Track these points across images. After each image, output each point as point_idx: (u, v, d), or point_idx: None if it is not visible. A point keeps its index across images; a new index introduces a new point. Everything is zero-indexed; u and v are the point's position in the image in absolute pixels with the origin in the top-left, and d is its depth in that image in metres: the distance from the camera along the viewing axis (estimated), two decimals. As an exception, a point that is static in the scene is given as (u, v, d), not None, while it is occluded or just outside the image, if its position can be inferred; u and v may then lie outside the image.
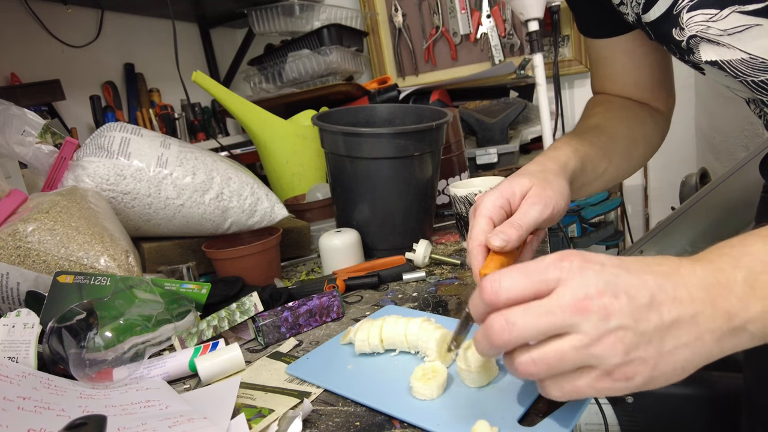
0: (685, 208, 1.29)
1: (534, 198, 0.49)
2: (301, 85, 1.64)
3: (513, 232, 0.46)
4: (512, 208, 0.50)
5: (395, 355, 0.54)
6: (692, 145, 1.90)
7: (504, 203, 0.49)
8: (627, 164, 0.65)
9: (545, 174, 0.52)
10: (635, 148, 0.65)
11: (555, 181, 0.51)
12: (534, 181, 0.50)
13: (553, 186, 0.50)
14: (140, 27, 1.67)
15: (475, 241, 0.48)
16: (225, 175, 0.84)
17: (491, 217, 0.48)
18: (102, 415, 0.38)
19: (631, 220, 1.96)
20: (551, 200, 0.49)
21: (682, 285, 0.34)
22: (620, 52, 0.65)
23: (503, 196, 0.49)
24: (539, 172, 0.52)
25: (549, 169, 0.53)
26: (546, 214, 0.48)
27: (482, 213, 0.49)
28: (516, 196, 0.49)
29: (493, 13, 1.85)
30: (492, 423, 0.40)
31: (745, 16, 0.43)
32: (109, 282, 0.63)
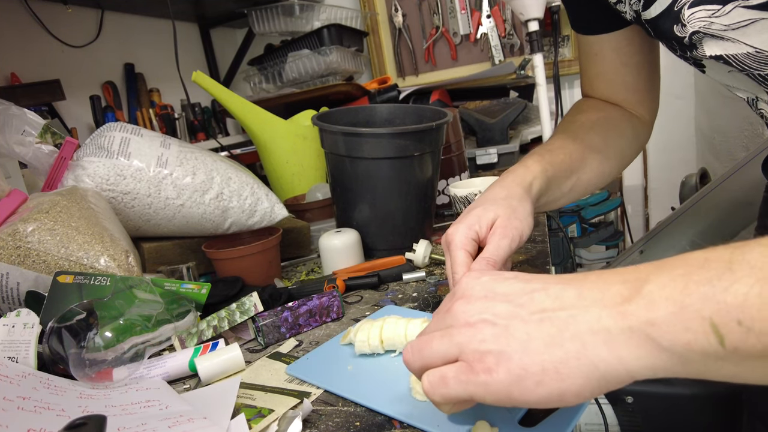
0: (685, 208, 1.29)
1: (502, 230, 0.51)
2: (301, 85, 1.64)
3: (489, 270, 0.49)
4: (481, 239, 0.52)
5: (395, 355, 0.54)
6: (692, 145, 1.90)
7: (474, 235, 0.52)
8: (597, 179, 0.67)
9: (509, 201, 0.54)
10: (607, 162, 0.67)
11: (520, 208, 0.54)
12: (499, 212, 0.53)
13: (518, 214, 0.53)
14: (140, 27, 1.67)
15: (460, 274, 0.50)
16: (225, 175, 0.84)
17: (466, 250, 0.51)
18: (102, 415, 0.38)
19: (631, 220, 1.96)
20: (518, 231, 0.52)
21: (574, 287, 0.32)
22: (609, 49, 0.66)
23: (472, 229, 0.52)
24: (504, 201, 0.54)
25: (514, 195, 0.55)
26: (515, 246, 0.52)
27: (457, 246, 0.51)
28: (483, 229, 0.52)
29: (493, 13, 1.85)
30: (492, 423, 0.40)
31: (749, 11, 0.43)
32: (109, 282, 0.63)
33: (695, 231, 1.25)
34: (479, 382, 0.32)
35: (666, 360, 0.28)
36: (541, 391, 0.31)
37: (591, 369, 0.30)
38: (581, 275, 0.34)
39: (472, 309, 0.35)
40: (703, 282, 0.27)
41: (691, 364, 0.28)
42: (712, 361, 0.27)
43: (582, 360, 0.30)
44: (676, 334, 0.27)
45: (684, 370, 0.28)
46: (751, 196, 1.16)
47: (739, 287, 0.26)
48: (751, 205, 1.16)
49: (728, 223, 1.21)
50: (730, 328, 0.26)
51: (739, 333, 0.25)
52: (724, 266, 0.27)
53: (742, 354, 0.26)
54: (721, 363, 0.27)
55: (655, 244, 1.29)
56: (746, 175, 1.17)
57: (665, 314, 0.28)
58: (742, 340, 0.25)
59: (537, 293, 0.33)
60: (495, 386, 0.31)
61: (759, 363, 0.26)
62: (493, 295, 0.35)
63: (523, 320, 0.32)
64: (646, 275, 0.30)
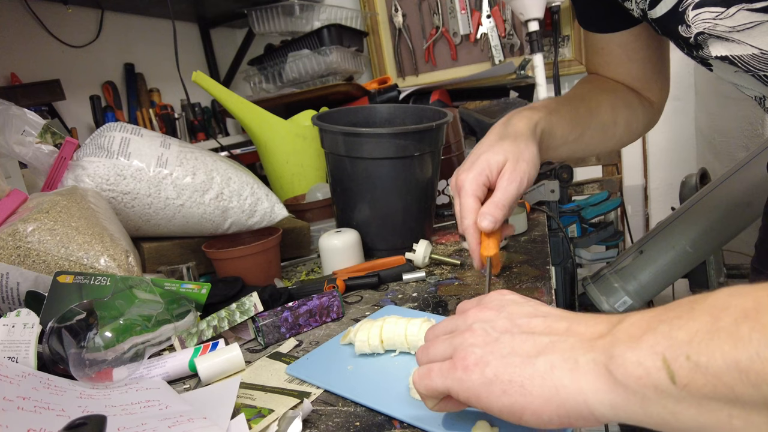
0: (685, 208, 1.29)
1: (510, 174, 0.54)
2: (301, 85, 1.64)
3: (499, 213, 0.52)
4: (491, 183, 0.55)
5: (395, 355, 0.54)
6: (692, 145, 1.90)
7: (485, 180, 0.54)
8: (601, 139, 0.67)
9: (517, 143, 0.55)
10: (613, 127, 0.67)
11: (526, 151, 0.55)
12: (507, 155, 0.54)
13: (525, 157, 0.55)
14: (140, 27, 1.66)
15: (469, 220, 0.53)
16: (225, 175, 0.84)
17: (476, 195, 0.54)
18: (102, 415, 0.38)
19: (631, 220, 1.96)
20: (525, 174, 0.54)
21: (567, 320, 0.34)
22: (615, 45, 0.66)
23: (482, 174, 0.54)
24: (512, 142, 0.55)
25: (520, 135, 0.56)
26: (522, 188, 0.54)
27: (468, 192, 0.54)
28: (493, 173, 0.54)
29: (493, 14, 1.85)
30: (492, 423, 0.40)
31: (753, 14, 0.43)
32: (109, 282, 0.63)
33: (695, 231, 1.24)
34: (456, 378, 0.34)
35: (623, 398, 0.28)
36: (504, 400, 0.32)
37: (552, 392, 0.30)
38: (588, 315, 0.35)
39: (479, 317, 0.38)
40: (665, 321, 0.27)
41: (649, 405, 0.27)
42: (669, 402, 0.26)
43: (546, 381, 0.31)
44: (629, 367, 0.27)
45: (643, 412, 0.27)
46: (751, 196, 1.16)
47: (692, 324, 0.26)
48: (751, 205, 1.16)
49: (728, 223, 1.21)
50: (679, 363, 0.25)
51: (688, 368, 0.25)
52: (687, 307, 0.27)
53: (693, 392, 0.25)
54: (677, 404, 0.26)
55: (655, 244, 1.29)
56: (746, 175, 1.17)
57: (623, 349, 0.28)
58: (690, 376, 0.25)
59: (536, 319, 0.36)
60: (467, 384, 0.34)
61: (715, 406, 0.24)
62: (502, 311, 0.38)
63: (512, 336, 0.35)
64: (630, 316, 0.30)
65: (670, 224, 1.29)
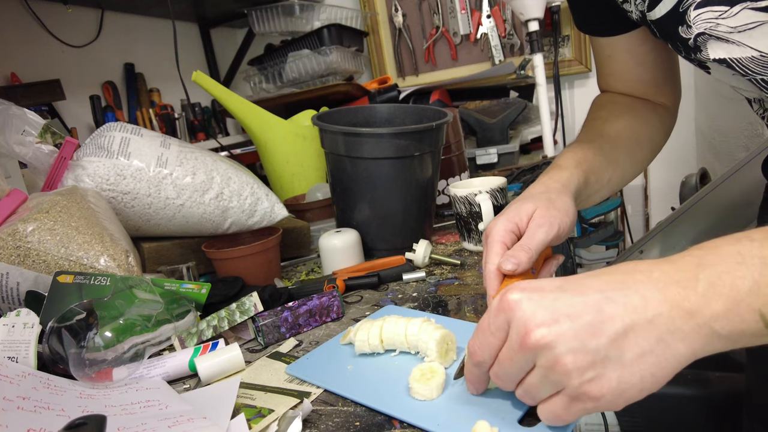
0: (685, 208, 1.29)
1: (539, 219, 0.51)
2: (301, 85, 1.64)
3: (522, 255, 0.49)
4: (521, 232, 0.52)
5: (395, 355, 0.54)
6: (692, 145, 1.90)
7: (513, 227, 0.52)
8: (632, 168, 0.66)
9: (548, 194, 0.54)
10: (639, 150, 0.66)
11: (558, 200, 0.53)
12: (538, 203, 0.52)
13: (557, 205, 0.52)
14: (140, 27, 1.66)
15: (491, 265, 0.50)
16: (225, 175, 0.84)
17: (503, 242, 0.51)
18: (102, 415, 0.38)
19: (631, 220, 1.96)
20: (556, 220, 0.51)
21: (634, 291, 0.34)
22: (622, 50, 0.65)
23: (512, 221, 0.52)
24: (542, 194, 0.54)
25: (552, 189, 0.55)
26: (552, 234, 0.51)
27: (494, 239, 0.51)
28: (523, 220, 0.52)
29: (493, 13, 1.85)
30: (492, 423, 0.40)
31: (757, 13, 0.42)
32: (109, 282, 0.63)
33: (695, 231, 1.24)
34: (589, 408, 0.35)
35: (723, 344, 0.33)
36: (642, 395, 0.34)
37: (675, 365, 0.34)
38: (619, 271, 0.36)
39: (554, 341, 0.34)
40: (747, 278, 0.33)
41: (740, 343, 0.33)
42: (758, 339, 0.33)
43: (669, 360, 0.33)
44: (735, 325, 0.32)
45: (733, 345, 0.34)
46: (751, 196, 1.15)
47: None
48: (751, 205, 1.16)
49: (728, 223, 1.21)
50: None
51: None
52: (759, 262, 0.33)
53: None
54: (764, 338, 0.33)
55: (655, 244, 1.29)
56: (746, 175, 1.17)
57: (724, 310, 0.33)
58: None
59: (604, 305, 0.34)
60: (603, 406, 0.34)
61: None
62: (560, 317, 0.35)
63: (611, 339, 0.33)
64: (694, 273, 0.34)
65: (670, 224, 1.29)
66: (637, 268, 0.36)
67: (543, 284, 0.37)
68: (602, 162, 0.61)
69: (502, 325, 0.37)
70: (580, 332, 0.34)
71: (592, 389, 0.33)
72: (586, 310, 0.34)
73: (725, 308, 0.32)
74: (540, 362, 0.35)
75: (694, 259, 0.35)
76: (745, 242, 0.34)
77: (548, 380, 0.35)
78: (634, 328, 0.33)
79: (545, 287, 0.37)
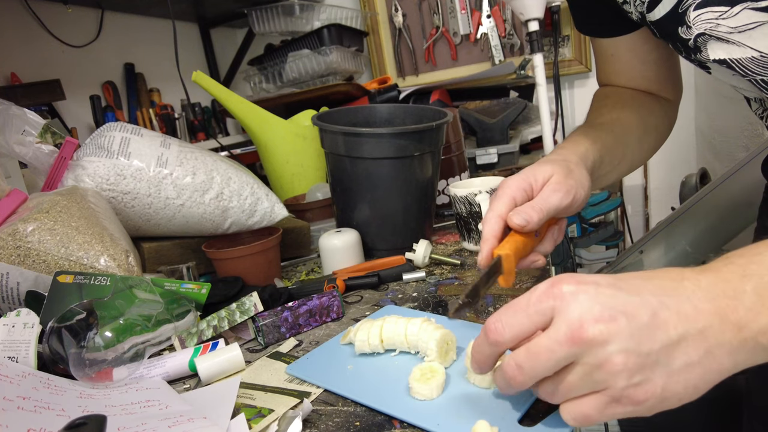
0: (685, 208, 1.29)
1: (555, 185, 0.50)
2: (301, 85, 1.64)
3: (534, 214, 0.47)
4: (534, 193, 0.51)
5: (395, 355, 0.54)
6: (692, 145, 1.90)
7: (527, 186, 0.50)
8: (639, 154, 0.66)
9: (567, 163, 0.52)
10: (646, 137, 0.66)
11: (576, 170, 0.52)
12: (556, 168, 0.51)
13: (575, 175, 0.51)
14: (140, 27, 1.67)
15: (495, 212, 0.48)
16: (225, 175, 0.84)
17: (513, 197, 0.49)
18: (102, 414, 0.38)
19: (631, 220, 1.96)
20: (572, 188, 0.50)
21: (686, 299, 0.33)
22: (625, 49, 0.65)
23: (526, 180, 0.50)
24: (561, 161, 0.52)
25: (570, 159, 0.54)
26: (566, 202, 0.49)
27: (505, 191, 0.49)
28: (538, 182, 0.51)
29: (493, 13, 1.85)
30: (492, 423, 0.40)
31: (757, 13, 0.42)
32: (109, 282, 0.63)
33: (695, 231, 1.24)
34: (627, 412, 0.34)
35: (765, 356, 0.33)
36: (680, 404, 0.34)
37: (717, 377, 0.33)
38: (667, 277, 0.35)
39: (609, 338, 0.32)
40: None
41: None
42: None
43: (713, 372, 0.33)
44: None
45: None
46: (751, 196, 1.15)
47: None
48: (751, 205, 1.16)
49: (728, 223, 1.21)
50: None
51: None
52: None
53: None
54: None
55: (655, 244, 1.29)
56: (746, 175, 1.17)
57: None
58: None
59: (659, 310, 0.33)
60: (640, 411, 0.34)
61: None
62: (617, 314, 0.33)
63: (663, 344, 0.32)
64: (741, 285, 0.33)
65: (670, 224, 1.29)
66: (685, 275, 0.35)
67: (597, 279, 0.35)
68: (614, 143, 0.61)
69: (545, 311, 0.34)
70: (636, 333, 0.32)
71: (637, 393, 0.32)
72: (642, 311, 0.33)
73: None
74: (587, 359, 0.33)
75: (738, 269, 0.34)
76: None
77: (590, 379, 0.33)
78: (687, 337, 0.32)
79: (600, 282, 0.34)
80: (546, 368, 0.34)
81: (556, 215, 0.51)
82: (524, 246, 0.50)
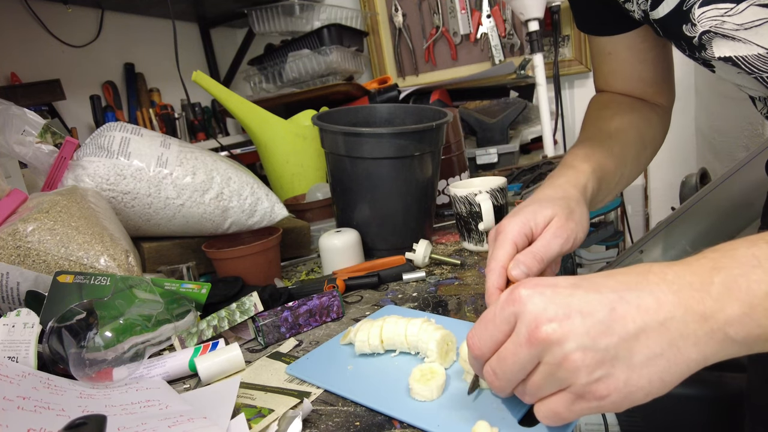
0: (685, 208, 1.29)
1: (556, 230, 0.49)
2: (301, 85, 1.64)
3: (534, 265, 0.48)
4: (534, 236, 0.50)
5: (395, 355, 0.54)
6: (692, 145, 1.90)
7: (527, 231, 0.50)
8: (636, 169, 0.66)
9: (568, 202, 0.52)
10: (644, 152, 0.66)
11: (577, 211, 0.52)
12: (557, 211, 0.51)
13: (575, 217, 0.51)
14: (140, 27, 1.67)
15: (498, 262, 0.48)
16: (225, 175, 0.84)
17: (515, 242, 0.49)
18: (102, 414, 0.38)
19: (631, 220, 1.96)
20: (572, 233, 0.50)
21: (648, 292, 0.33)
22: (624, 47, 0.65)
23: (527, 224, 0.50)
24: (562, 201, 0.52)
25: (571, 197, 0.53)
26: (567, 248, 0.50)
27: (507, 237, 0.49)
28: (539, 226, 0.50)
29: (493, 13, 1.85)
30: (492, 423, 0.40)
31: (764, 9, 0.42)
32: (109, 282, 0.63)
33: (695, 231, 1.24)
34: (592, 408, 0.34)
35: (737, 349, 0.33)
36: (648, 398, 0.33)
37: (685, 370, 0.33)
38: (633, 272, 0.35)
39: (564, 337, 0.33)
40: (763, 282, 0.32)
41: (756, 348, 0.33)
42: None
43: (680, 364, 0.33)
44: (750, 329, 0.32)
45: (748, 351, 0.33)
46: (751, 196, 1.15)
47: None
48: (751, 205, 1.16)
49: (728, 223, 1.21)
50: None
51: None
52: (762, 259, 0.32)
53: None
54: None
55: (655, 244, 1.29)
56: (746, 175, 1.17)
57: (739, 315, 0.32)
58: None
59: (617, 305, 0.33)
60: (607, 407, 0.34)
61: None
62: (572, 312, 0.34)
63: (622, 339, 0.33)
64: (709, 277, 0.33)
65: (670, 224, 1.29)
66: (652, 269, 0.35)
67: (557, 281, 0.36)
68: (613, 165, 0.60)
69: (509, 318, 0.36)
70: (592, 330, 0.33)
71: (598, 388, 0.33)
72: (599, 307, 0.33)
73: (740, 312, 0.32)
74: (547, 359, 0.34)
75: (709, 262, 0.34)
76: (762, 245, 0.33)
77: (554, 378, 0.34)
78: (646, 330, 0.32)
79: (559, 283, 0.35)
80: (515, 370, 0.35)
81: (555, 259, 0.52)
82: None
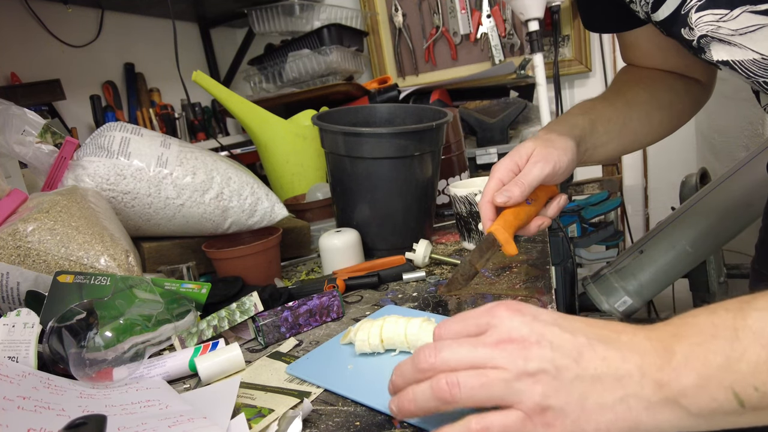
0: (685, 208, 1.29)
1: (536, 157, 0.56)
2: (301, 85, 1.64)
3: (515, 189, 0.54)
4: (520, 169, 0.57)
5: (395, 355, 0.54)
6: (692, 145, 1.90)
7: (513, 166, 0.57)
8: (646, 129, 0.67)
9: (549, 135, 0.58)
10: (656, 112, 0.67)
11: (558, 140, 0.57)
12: (538, 143, 0.57)
13: (555, 144, 0.56)
14: (140, 27, 1.66)
15: (485, 197, 0.56)
16: (225, 175, 0.84)
17: (501, 178, 0.56)
18: (102, 414, 0.38)
19: (631, 220, 1.96)
20: (552, 157, 0.55)
21: (616, 348, 0.34)
22: (644, 40, 0.66)
23: (512, 160, 0.57)
24: (544, 135, 0.58)
25: (554, 130, 0.59)
26: (547, 170, 0.55)
27: (494, 175, 0.57)
28: (522, 159, 0.57)
29: (493, 13, 1.85)
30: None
31: (757, 16, 0.42)
32: (109, 282, 0.63)
33: (695, 231, 1.24)
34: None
35: (694, 422, 0.32)
36: None
37: (633, 427, 0.33)
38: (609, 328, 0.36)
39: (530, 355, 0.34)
40: (719, 352, 0.31)
41: (714, 422, 0.32)
42: (734, 417, 0.32)
43: (627, 422, 0.33)
44: (705, 402, 0.31)
45: (708, 425, 0.32)
46: (751, 196, 1.16)
47: (749, 356, 0.31)
48: (751, 205, 1.16)
49: (728, 223, 1.21)
50: (748, 393, 0.30)
51: (756, 396, 0.30)
52: (731, 335, 0.32)
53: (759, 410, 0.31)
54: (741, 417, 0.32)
55: (655, 244, 1.29)
56: (746, 175, 1.17)
57: (693, 386, 0.31)
58: (759, 401, 0.30)
59: (585, 350, 0.34)
60: None
61: None
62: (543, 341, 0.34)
63: (580, 379, 0.33)
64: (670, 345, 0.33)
65: (670, 224, 1.29)
66: (626, 329, 0.35)
67: (539, 312, 0.37)
68: (612, 113, 0.63)
69: (482, 325, 0.37)
70: (557, 360, 0.34)
71: (547, 416, 0.33)
72: (569, 347, 0.34)
73: (694, 384, 0.31)
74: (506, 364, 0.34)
75: (672, 329, 0.34)
76: (721, 312, 0.33)
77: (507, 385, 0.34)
78: (602, 379, 0.33)
79: (540, 316, 0.36)
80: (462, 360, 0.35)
81: (545, 183, 0.57)
82: (517, 216, 0.57)
